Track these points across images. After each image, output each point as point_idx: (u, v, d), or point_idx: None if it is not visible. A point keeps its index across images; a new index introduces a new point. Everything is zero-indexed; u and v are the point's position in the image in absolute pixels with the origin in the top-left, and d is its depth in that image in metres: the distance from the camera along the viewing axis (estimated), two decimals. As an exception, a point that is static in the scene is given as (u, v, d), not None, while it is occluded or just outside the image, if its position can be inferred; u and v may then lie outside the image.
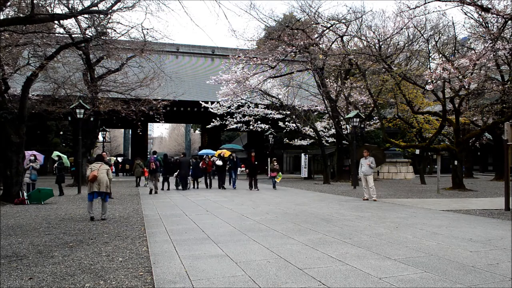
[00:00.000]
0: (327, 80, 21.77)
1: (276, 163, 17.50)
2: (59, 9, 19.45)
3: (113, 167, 23.58)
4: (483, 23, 14.51)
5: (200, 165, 18.31)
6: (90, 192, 8.22)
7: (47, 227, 7.33)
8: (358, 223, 7.62)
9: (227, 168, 18.35)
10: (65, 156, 15.87)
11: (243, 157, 26.08)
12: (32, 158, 13.28)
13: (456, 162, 16.65)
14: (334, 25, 19.10)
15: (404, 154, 28.19)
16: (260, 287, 3.83)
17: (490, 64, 15.70)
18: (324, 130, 26.35)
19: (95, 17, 14.68)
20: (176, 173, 17.11)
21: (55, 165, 14.99)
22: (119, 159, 38.05)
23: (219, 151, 21.58)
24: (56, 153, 15.77)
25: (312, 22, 19.46)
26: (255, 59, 20.08)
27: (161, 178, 16.75)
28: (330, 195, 13.85)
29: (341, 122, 22.19)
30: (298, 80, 23.33)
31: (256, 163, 16.98)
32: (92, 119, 19.25)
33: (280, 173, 17.68)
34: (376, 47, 16.89)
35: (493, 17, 12.89)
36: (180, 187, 16.97)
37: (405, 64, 21.57)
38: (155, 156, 16.06)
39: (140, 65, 18.13)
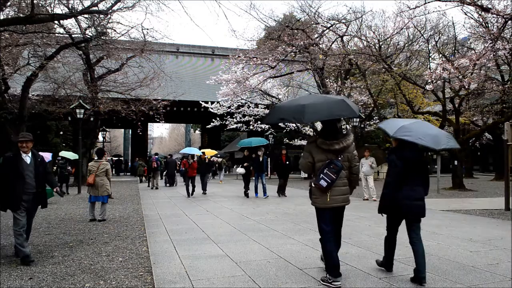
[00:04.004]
0: (327, 80, 21.74)
1: None
2: (59, 9, 19.41)
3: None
4: (483, 23, 14.49)
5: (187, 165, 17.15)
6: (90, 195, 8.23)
7: (47, 227, 7.33)
8: (358, 223, 7.62)
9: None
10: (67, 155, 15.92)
11: (239, 157, 25.98)
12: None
13: (456, 162, 16.64)
14: (334, 25, 19.08)
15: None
16: (260, 287, 3.83)
17: (490, 64, 15.70)
18: (324, 130, 26.27)
19: (95, 17, 14.67)
20: (164, 172, 19.78)
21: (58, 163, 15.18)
22: (114, 158, 40.00)
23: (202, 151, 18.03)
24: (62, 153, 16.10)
25: (312, 22, 19.45)
26: (255, 59, 20.06)
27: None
28: (330, 195, 13.79)
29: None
30: (298, 80, 23.31)
31: (287, 162, 14.05)
32: (92, 119, 19.27)
33: None
34: (376, 47, 16.90)
35: (493, 17, 12.89)
36: (168, 185, 19.28)
37: (405, 64, 21.58)
38: (156, 156, 18.42)
39: (140, 65, 18.12)
